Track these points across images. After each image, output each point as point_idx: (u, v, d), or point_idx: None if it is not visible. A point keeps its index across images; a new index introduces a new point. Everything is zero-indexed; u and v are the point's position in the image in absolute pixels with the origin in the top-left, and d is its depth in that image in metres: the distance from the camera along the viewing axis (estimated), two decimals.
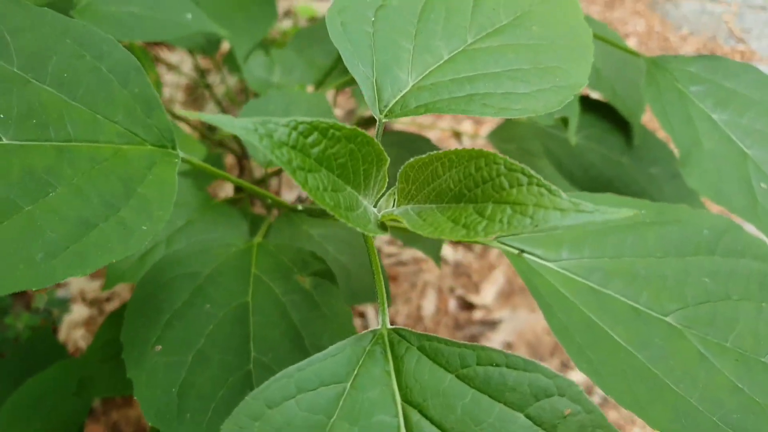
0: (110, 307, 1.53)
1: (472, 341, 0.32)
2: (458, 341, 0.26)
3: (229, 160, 1.25)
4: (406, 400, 0.25)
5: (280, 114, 0.63)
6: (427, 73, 0.34)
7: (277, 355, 0.44)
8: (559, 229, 0.22)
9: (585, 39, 0.36)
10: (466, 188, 0.25)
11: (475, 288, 1.39)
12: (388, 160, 0.27)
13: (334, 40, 0.32)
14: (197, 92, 1.58)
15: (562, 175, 0.71)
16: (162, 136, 0.39)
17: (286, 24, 1.63)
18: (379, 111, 0.33)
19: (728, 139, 0.54)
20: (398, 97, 0.33)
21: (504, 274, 1.39)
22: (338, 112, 1.49)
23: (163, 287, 0.46)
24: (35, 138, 0.34)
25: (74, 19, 0.38)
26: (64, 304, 1.24)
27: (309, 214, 0.47)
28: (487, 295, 1.35)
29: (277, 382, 0.25)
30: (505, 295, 1.35)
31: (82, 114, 0.36)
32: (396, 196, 0.29)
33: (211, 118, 0.22)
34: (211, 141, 0.96)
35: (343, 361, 0.26)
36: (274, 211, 0.66)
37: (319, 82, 0.78)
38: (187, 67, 1.56)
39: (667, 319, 0.41)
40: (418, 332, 0.27)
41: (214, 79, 1.51)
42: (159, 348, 0.42)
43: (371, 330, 0.28)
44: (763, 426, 0.38)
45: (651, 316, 0.41)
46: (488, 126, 1.68)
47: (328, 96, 0.91)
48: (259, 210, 1.03)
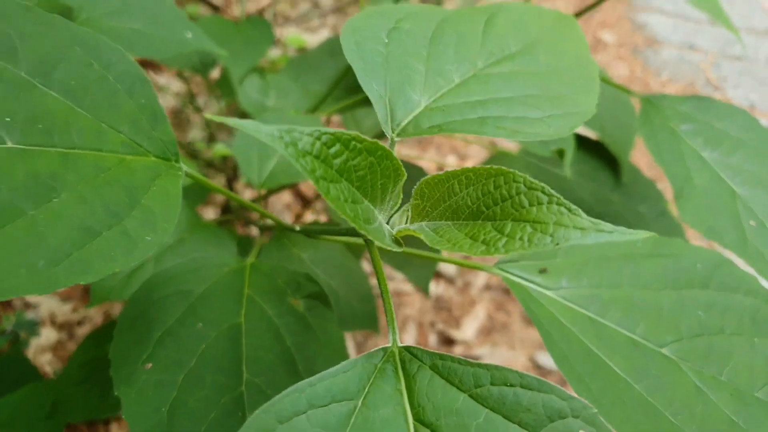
0: (82, 331, 1.49)
1: None
2: (471, 361, 0.26)
3: (218, 181, 1.24)
4: (418, 420, 0.25)
5: None
6: (439, 95, 0.34)
7: (270, 378, 0.43)
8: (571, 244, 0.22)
9: (591, 70, 0.37)
10: (485, 206, 0.25)
11: (456, 323, 1.38)
12: (405, 175, 0.27)
13: (349, 57, 0.33)
14: (182, 116, 1.57)
15: None
16: (166, 148, 0.38)
17: (275, 53, 1.65)
18: (392, 130, 0.33)
19: (718, 177, 0.55)
20: (411, 117, 0.33)
21: (485, 310, 1.39)
22: None
23: (155, 304, 0.45)
24: (40, 143, 0.33)
25: (84, 28, 0.37)
26: (33, 327, 1.19)
27: (306, 234, 0.47)
28: (468, 330, 1.34)
29: (288, 397, 0.24)
30: (486, 332, 1.35)
31: (88, 122, 0.36)
32: (410, 213, 0.29)
33: (237, 122, 0.22)
34: (198, 161, 0.95)
35: (354, 378, 0.25)
36: (264, 234, 0.65)
37: (313, 109, 0.79)
38: (173, 90, 1.56)
39: (664, 351, 0.41)
40: (430, 351, 0.27)
41: (200, 103, 1.51)
42: (149, 366, 0.41)
43: (381, 348, 0.27)
44: None
45: (648, 348, 0.41)
46: (472, 161, 1.70)
47: None
48: (243, 233, 1.02)
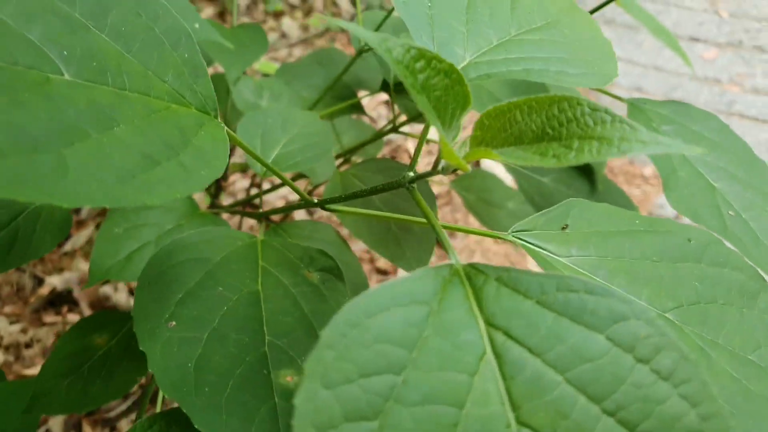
0: (29, 353, 1.42)
1: None
2: (536, 271, 0.28)
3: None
4: (488, 323, 0.26)
5: (278, 127, 0.65)
6: (481, 53, 0.37)
7: (291, 341, 0.43)
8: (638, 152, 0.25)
9: (607, 44, 0.40)
10: (550, 128, 0.27)
11: None
12: (471, 104, 0.29)
13: (400, 12, 0.35)
14: None
15: (535, 210, 0.76)
16: (206, 103, 0.39)
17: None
18: None
19: (698, 172, 0.59)
20: (459, 68, 0.36)
21: None
22: None
23: (174, 268, 0.44)
24: (95, 80, 0.34)
25: None
26: None
27: (324, 208, 0.48)
28: None
29: (373, 296, 0.25)
30: None
31: (136, 67, 0.36)
32: (468, 145, 0.31)
33: (348, 25, 0.23)
34: None
35: (429, 285, 0.27)
36: (262, 224, 0.65)
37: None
38: None
39: (668, 315, 0.44)
40: (493, 265, 0.28)
41: None
42: (173, 324, 0.41)
43: (446, 263, 0.29)
44: (763, 410, 0.41)
45: (653, 312, 0.44)
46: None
47: None
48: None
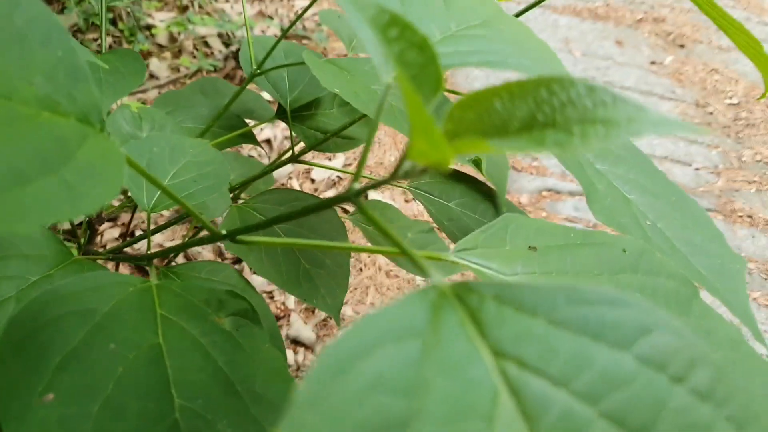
0: None
1: None
2: (539, 285, 0.23)
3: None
4: (496, 353, 0.21)
5: (166, 157, 0.56)
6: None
7: (207, 402, 0.35)
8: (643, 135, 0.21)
9: (545, 45, 0.38)
10: (541, 114, 0.23)
11: None
12: (443, 89, 0.24)
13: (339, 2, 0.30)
14: None
15: (446, 234, 0.73)
16: (89, 112, 0.31)
17: None
18: (386, 74, 0.30)
19: (612, 185, 0.59)
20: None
21: None
22: None
23: (48, 325, 0.35)
24: None
25: None
26: None
27: (235, 241, 0.41)
28: None
29: (359, 331, 0.19)
30: None
31: None
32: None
33: None
34: None
35: (417, 313, 0.21)
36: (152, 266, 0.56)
37: None
38: None
39: None
40: (485, 282, 0.23)
41: None
42: (50, 397, 0.31)
43: (429, 285, 0.23)
44: None
45: None
46: None
47: None
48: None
